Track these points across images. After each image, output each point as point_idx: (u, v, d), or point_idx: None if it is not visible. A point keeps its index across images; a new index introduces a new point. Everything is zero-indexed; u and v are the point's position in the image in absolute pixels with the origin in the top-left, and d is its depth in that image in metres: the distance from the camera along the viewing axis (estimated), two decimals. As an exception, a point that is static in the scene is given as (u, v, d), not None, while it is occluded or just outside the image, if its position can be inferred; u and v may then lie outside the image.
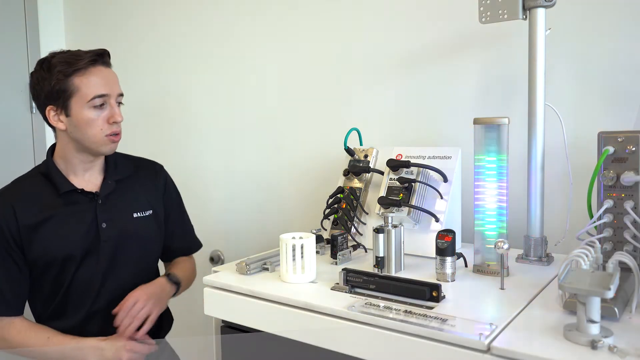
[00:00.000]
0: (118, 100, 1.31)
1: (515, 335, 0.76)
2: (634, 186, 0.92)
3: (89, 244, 1.29)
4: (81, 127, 1.26)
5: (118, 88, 1.31)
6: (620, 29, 1.20)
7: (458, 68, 1.41)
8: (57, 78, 1.24)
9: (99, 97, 1.25)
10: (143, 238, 1.37)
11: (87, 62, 1.26)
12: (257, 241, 1.79)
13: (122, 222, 1.33)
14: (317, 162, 1.68)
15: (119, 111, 1.30)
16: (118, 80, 1.33)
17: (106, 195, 1.33)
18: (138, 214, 1.36)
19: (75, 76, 1.25)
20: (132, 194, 1.38)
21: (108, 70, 1.31)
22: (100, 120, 1.26)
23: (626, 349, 0.69)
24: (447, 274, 1.00)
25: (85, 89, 1.25)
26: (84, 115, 1.25)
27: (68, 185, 1.30)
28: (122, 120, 1.30)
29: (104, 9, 2.22)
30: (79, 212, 1.30)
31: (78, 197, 1.31)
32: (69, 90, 1.25)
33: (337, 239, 1.14)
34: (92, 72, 1.26)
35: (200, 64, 1.92)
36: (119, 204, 1.35)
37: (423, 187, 1.19)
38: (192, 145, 1.97)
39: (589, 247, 0.84)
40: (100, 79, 1.27)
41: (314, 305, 0.90)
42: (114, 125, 1.28)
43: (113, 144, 1.30)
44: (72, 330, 1.30)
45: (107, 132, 1.27)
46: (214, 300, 1.04)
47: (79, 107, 1.25)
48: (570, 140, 1.20)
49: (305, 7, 1.67)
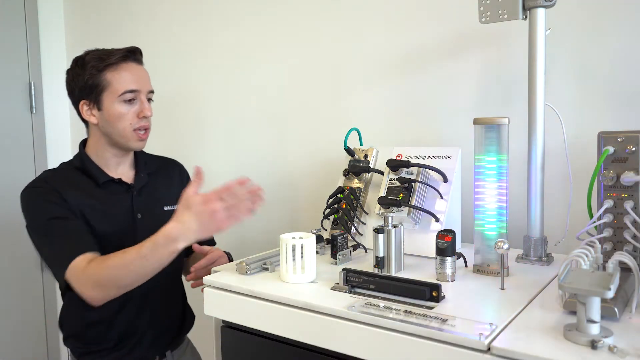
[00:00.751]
0: (148, 96, 1.35)
1: (515, 335, 0.76)
2: (634, 186, 0.92)
3: (127, 233, 1.32)
4: (112, 121, 1.30)
5: (149, 85, 1.35)
6: (620, 29, 1.20)
7: (458, 68, 1.41)
8: (91, 73, 1.29)
9: (130, 92, 1.30)
10: None
11: (118, 57, 1.30)
12: (257, 241, 1.79)
13: (156, 214, 1.38)
14: (317, 162, 1.68)
15: (149, 106, 1.34)
16: (149, 77, 1.37)
17: (140, 187, 1.38)
18: (168, 207, 1.41)
19: (107, 71, 1.29)
20: (162, 188, 1.43)
21: (139, 67, 1.35)
22: (130, 114, 1.31)
23: (626, 349, 0.69)
24: (447, 274, 1.00)
25: (117, 83, 1.29)
26: (115, 109, 1.30)
27: (105, 176, 1.35)
28: (152, 115, 1.33)
29: (104, 9, 2.22)
30: (117, 201, 1.35)
31: (116, 187, 1.36)
32: (101, 84, 1.29)
33: (337, 239, 1.14)
34: (124, 68, 1.31)
35: (199, 64, 1.92)
36: (152, 197, 1.40)
37: (423, 187, 1.19)
38: (192, 145, 1.97)
39: (589, 247, 0.84)
40: (131, 74, 1.31)
41: (314, 305, 0.90)
42: (143, 120, 1.32)
43: (141, 141, 1.35)
44: (104, 320, 1.33)
45: (135, 126, 1.31)
46: (214, 300, 1.04)
47: (110, 101, 1.30)
48: (570, 140, 1.20)
49: (305, 7, 1.67)
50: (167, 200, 1.41)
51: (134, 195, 1.36)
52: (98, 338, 1.34)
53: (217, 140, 1.91)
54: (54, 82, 2.35)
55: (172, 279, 1.44)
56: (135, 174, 1.40)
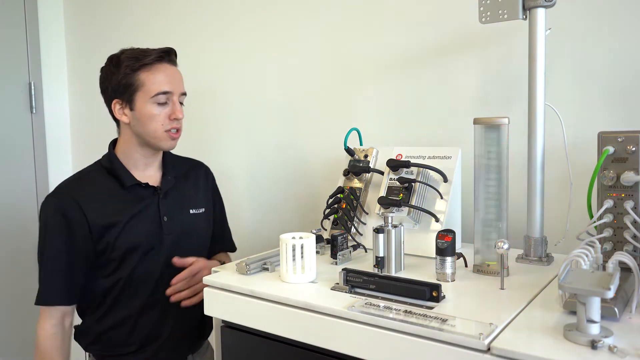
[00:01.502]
0: (180, 99, 1.35)
1: (515, 335, 0.76)
2: (634, 186, 0.92)
3: (153, 237, 1.32)
4: (143, 121, 1.30)
5: (182, 87, 1.35)
6: (620, 29, 1.20)
7: (458, 68, 1.41)
8: (125, 72, 1.29)
9: (163, 94, 1.30)
10: (198, 234, 1.43)
11: (153, 58, 1.30)
12: (257, 241, 1.79)
13: (181, 217, 1.38)
14: (317, 162, 1.68)
15: (181, 109, 1.33)
16: (182, 79, 1.36)
17: (167, 190, 1.38)
18: (194, 211, 1.42)
19: (141, 71, 1.29)
20: (188, 191, 1.44)
21: (173, 68, 1.35)
22: (162, 115, 1.30)
23: (626, 349, 0.69)
24: (447, 274, 1.00)
25: (150, 84, 1.29)
26: (147, 110, 1.29)
27: (132, 179, 1.35)
28: (183, 117, 1.33)
29: (103, 9, 2.22)
30: (143, 205, 1.34)
31: (142, 191, 1.35)
32: (135, 84, 1.29)
33: (337, 239, 1.14)
34: (158, 69, 1.30)
35: (199, 64, 1.92)
36: (178, 200, 1.40)
37: (423, 187, 1.19)
38: (191, 145, 1.97)
39: (589, 247, 0.84)
40: (165, 76, 1.31)
41: (314, 305, 0.90)
42: (175, 121, 1.32)
43: (173, 140, 1.34)
44: (125, 324, 1.33)
45: (167, 127, 1.31)
46: (214, 300, 1.04)
47: (143, 101, 1.29)
48: (570, 140, 1.20)
49: (305, 7, 1.67)
50: (192, 203, 1.42)
51: (160, 199, 1.36)
52: (121, 341, 1.34)
53: (216, 140, 1.91)
54: (54, 82, 2.35)
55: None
56: (163, 176, 1.40)
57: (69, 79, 2.39)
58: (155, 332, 1.35)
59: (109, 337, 1.34)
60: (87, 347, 1.39)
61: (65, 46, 2.38)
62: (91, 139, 2.35)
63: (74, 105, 2.40)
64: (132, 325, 1.33)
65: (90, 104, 2.33)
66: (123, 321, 1.33)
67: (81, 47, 2.32)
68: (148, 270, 1.33)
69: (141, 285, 1.33)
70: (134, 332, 1.34)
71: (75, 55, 2.35)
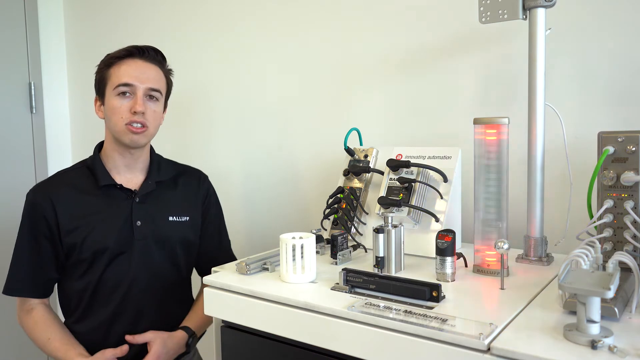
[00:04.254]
0: (150, 93, 1.32)
1: (515, 335, 0.76)
2: (634, 186, 0.92)
3: (123, 240, 1.31)
4: (108, 115, 1.32)
5: (151, 81, 1.32)
6: (620, 29, 1.20)
7: (458, 68, 1.41)
8: (100, 68, 1.34)
9: (124, 85, 1.29)
10: (177, 242, 1.38)
11: (124, 53, 1.32)
12: (257, 241, 1.79)
13: (157, 223, 1.35)
14: (317, 162, 1.68)
15: (142, 102, 1.30)
16: (158, 76, 1.35)
17: (145, 194, 1.36)
18: (174, 218, 1.38)
19: (112, 66, 1.32)
20: (171, 198, 1.40)
21: (145, 63, 1.33)
22: (122, 108, 1.30)
23: (626, 349, 0.69)
24: (447, 274, 1.00)
25: (115, 77, 1.30)
26: (110, 102, 1.31)
27: (108, 179, 1.34)
28: (143, 111, 1.30)
29: (104, 9, 2.22)
30: (115, 207, 1.33)
31: (116, 192, 1.34)
32: (105, 79, 1.32)
33: (337, 239, 1.14)
34: (126, 63, 1.31)
35: (199, 64, 1.92)
36: (156, 205, 1.37)
37: (423, 187, 1.19)
38: (190, 145, 1.97)
39: (589, 247, 0.84)
40: (131, 69, 1.30)
41: (314, 305, 0.90)
42: (135, 115, 1.29)
43: (134, 135, 1.30)
44: (99, 329, 1.33)
45: (127, 120, 1.29)
46: (214, 300, 1.04)
47: (109, 94, 1.31)
48: (570, 140, 1.20)
49: (304, 8, 1.67)
50: (173, 210, 1.39)
51: (134, 202, 1.34)
52: (98, 345, 1.32)
53: (216, 140, 1.91)
54: (54, 82, 2.35)
55: (171, 293, 1.40)
56: (144, 181, 1.38)
57: (69, 79, 2.39)
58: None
59: (87, 340, 1.33)
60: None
61: (65, 46, 2.38)
62: (91, 139, 2.33)
63: (74, 105, 2.40)
64: (105, 330, 1.32)
65: (90, 104, 2.30)
66: (98, 326, 1.33)
67: (81, 47, 2.32)
68: (117, 275, 1.31)
69: (113, 291, 1.32)
70: (108, 337, 1.33)
71: (75, 55, 2.35)
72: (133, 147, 1.33)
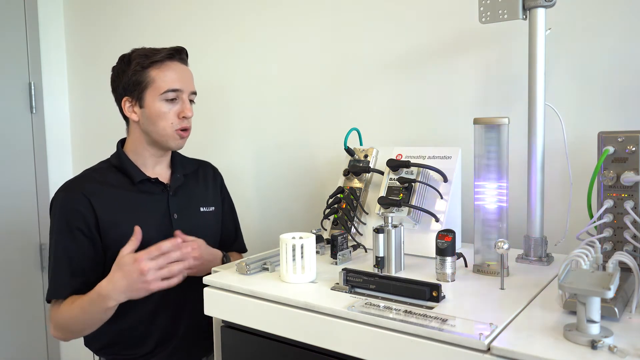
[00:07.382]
0: (190, 97, 1.34)
1: (515, 335, 0.76)
2: (634, 186, 0.92)
3: (163, 233, 1.29)
4: (153, 119, 1.30)
5: (192, 85, 1.35)
6: (620, 29, 1.20)
7: (458, 68, 1.41)
8: (135, 69, 1.29)
9: (172, 92, 1.29)
10: (208, 232, 1.41)
11: (164, 55, 1.30)
12: (257, 241, 1.79)
13: (191, 214, 1.38)
14: (317, 162, 1.68)
15: (190, 107, 1.33)
16: (193, 78, 1.36)
17: (176, 187, 1.38)
18: (204, 209, 1.41)
19: (151, 68, 1.29)
20: (198, 189, 1.43)
21: (184, 67, 1.35)
22: (171, 114, 1.30)
23: (626, 349, 0.69)
24: (447, 274, 1.00)
25: (160, 81, 1.29)
26: (156, 107, 1.29)
27: (141, 174, 1.34)
28: (192, 115, 1.33)
29: (104, 9, 2.22)
30: (152, 201, 1.34)
31: (151, 186, 1.35)
32: (145, 81, 1.29)
33: (337, 239, 1.14)
34: (168, 66, 1.30)
35: (198, 64, 1.92)
36: (188, 197, 1.39)
37: (423, 187, 1.19)
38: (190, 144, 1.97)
39: (589, 247, 0.84)
40: (175, 73, 1.31)
41: (314, 305, 0.90)
42: (184, 120, 1.31)
43: (182, 139, 1.33)
44: (140, 327, 1.32)
45: (177, 126, 1.31)
46: (214, 300, 1.04)
47: (152, 99, 1.29)
48: (570, 140, 1.20)
49: (304, 8, 1.67)
50: (203, 201, 1.42)
51: (170, 196, 1.36)
52: (134, 345, 1.32)
53: (216, 140, 1.91)
54: (54, 82, 2.36)
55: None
56: (172, 174, 1.39)
57: (69, 79, 2.39)
58: (168, 336, 1.33)
59: (123, 339, 1.33)
60: (99, 351, 1.36)
61: (65, 46, 2.38)
62: (91, 139, 2.35)
63: (74, 105, 2.40)
64: (146, 325, 1.32)
65: (90, 104, 2.33)
66: (137, 322, 1.32)
67: (81, 47, 2.32)
68: None
69: None
70: (148, 333, 1.32)
71: (75, 55, 2.35)
72: (176, 149, 1.37)
